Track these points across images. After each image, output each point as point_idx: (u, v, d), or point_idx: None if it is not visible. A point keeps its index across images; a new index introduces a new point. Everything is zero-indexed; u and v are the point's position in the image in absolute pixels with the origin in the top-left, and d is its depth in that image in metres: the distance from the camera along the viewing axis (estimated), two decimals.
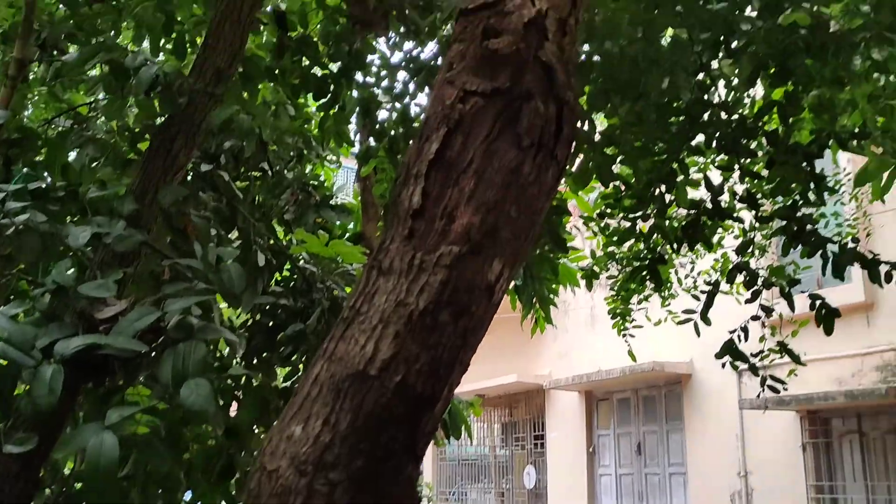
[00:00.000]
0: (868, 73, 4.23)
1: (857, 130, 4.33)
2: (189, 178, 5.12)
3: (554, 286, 5.64)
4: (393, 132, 5.13)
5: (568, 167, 4.60)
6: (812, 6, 3.70)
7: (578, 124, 4.32)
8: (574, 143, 2.44)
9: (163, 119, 3.27)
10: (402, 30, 4.66)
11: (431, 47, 4.62)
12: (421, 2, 4.51)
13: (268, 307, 5.28)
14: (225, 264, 2.46)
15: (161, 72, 2.84)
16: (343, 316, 1.94)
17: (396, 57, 4.83)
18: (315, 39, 4.27)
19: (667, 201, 4.39)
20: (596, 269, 7.08)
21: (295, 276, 5.61)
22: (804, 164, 4.19)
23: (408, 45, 4.61)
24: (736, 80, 4.66)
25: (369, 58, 4.93)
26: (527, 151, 2.12)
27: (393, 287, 1.93)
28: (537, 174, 2.14)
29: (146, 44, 4.03)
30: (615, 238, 5.67)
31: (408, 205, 2.04)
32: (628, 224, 5.15)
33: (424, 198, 2.03)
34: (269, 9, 5.12)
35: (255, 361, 5.22)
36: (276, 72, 4.17)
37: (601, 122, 4.86)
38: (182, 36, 3.89)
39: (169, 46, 4.01)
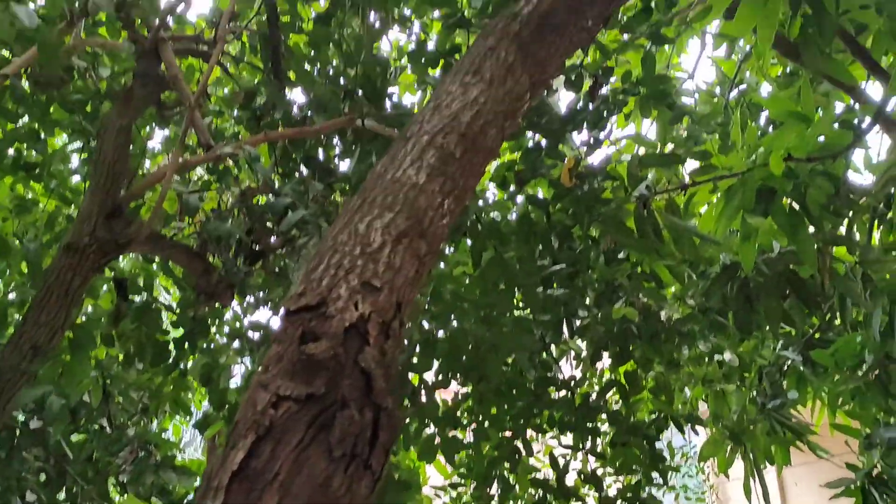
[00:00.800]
0: (700, 357, 4.48)
1: (690, 414, 4.51)
2: (16, 433, 4.75)
3: None
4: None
5: (418, 439, 4.52)
6: (644, 297, 3.94)
7: (425, 399, 4.30)
8: (391, 448, 2.39)
9: None
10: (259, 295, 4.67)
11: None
12: (276, 269, 4.55)
13: None
14: None
15: None
16: None
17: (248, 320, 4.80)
18: (156, 306, 4.22)
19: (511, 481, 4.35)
20: None
21: None
22: (645, 444, 4.27)
23: (258, 313, 4.60)
24: (583, 353, 4.84)
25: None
26: (338, 462, 2.04)
27: None
28: (349, 486, 2.05)
29: None
30: None
31: None
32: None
33: None
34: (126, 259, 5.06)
35: None
36: (113, 337, 4.04)
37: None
38: (2, 309, 3.75)
39: None
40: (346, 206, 2.62)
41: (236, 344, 4.55)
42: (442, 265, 4.67)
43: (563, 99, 4.53)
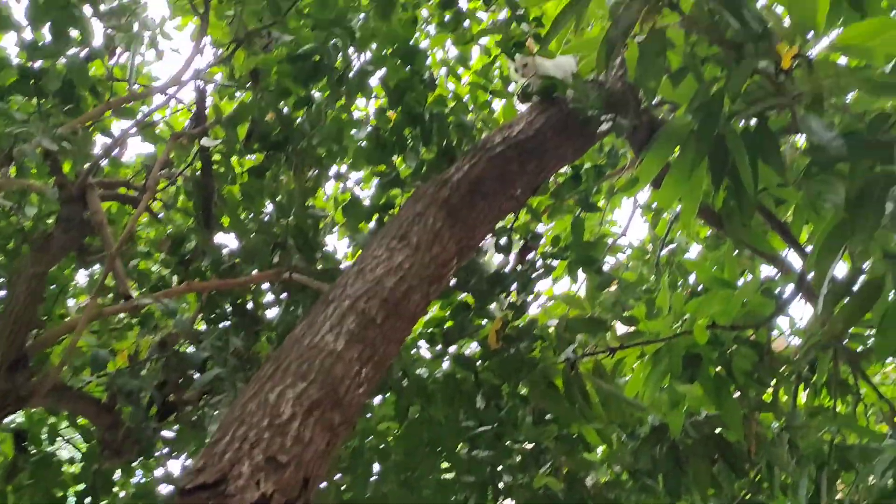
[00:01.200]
0: None
1: None
2: None
3: None
4: None
5: None
6: (570, 463, 3.86)
7: None
8: None
9: None
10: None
11: None
12: (193, 418, 4.36)
13: None
14: None
15: None
16: None
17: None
18: (57, 459, 4.00)
19: None
20: None
21: None
22: None
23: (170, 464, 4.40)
24: None
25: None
26: None
27: None
28: None
29: None
30: None
31: None
32: None
33: None
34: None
35: None
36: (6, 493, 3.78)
37: None
38: None
39: None
40: (258, 373, 2.54)
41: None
42: (368, 415, 4.55)
43: (494, 257, 4.57)
